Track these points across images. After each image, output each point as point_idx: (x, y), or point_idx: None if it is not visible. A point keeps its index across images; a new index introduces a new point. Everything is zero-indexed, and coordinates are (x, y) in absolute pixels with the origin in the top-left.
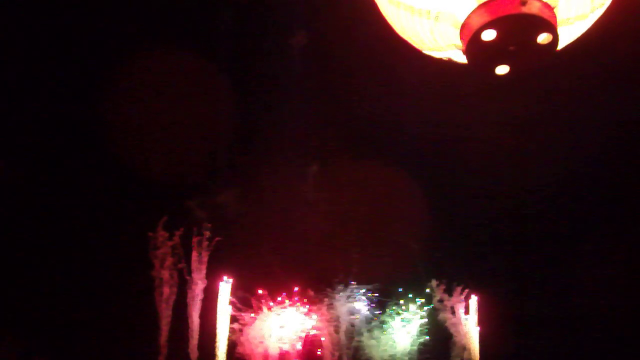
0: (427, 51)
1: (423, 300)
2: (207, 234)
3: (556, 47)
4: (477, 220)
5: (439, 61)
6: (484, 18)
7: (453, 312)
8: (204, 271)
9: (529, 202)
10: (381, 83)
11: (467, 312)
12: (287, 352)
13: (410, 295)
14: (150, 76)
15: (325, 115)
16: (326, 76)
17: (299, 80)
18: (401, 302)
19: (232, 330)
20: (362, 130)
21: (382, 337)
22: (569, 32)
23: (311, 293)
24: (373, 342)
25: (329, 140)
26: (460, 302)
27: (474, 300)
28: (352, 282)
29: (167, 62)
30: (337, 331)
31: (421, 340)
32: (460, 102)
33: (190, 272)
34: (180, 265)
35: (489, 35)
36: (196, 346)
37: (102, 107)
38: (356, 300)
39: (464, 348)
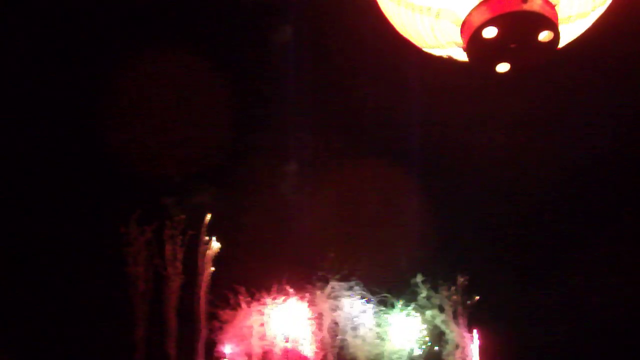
0: (427, 49)
1: (409, 297)
2: (181, 227)
3: (557, 45)
4: (475, 219)
5: (439, 59)
6: (486, 15)
7: (442, 310)
8: (180, 267)
9: (529, 202)
10: (379, 80)
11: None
12: (270, 351)
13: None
14: (133, 71)
15: (318, 112)
16: (323, 74)
17: (295, 78)
18: (387, 299)
19: (211, 328)
20: (356, 127)
21: (368, 335)
22: (570, 31)
23: (291, 290)
24: (358, 340)
25: (318, 137)
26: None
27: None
28: (334, 279)
29: (154, 57)
30: (320, 329)
31: (411, 339)
32: (460, 101)
33: (165, 268)
34: (155, 261)
35: (490, 32)
36: (175, 343)
37: (77, 101)
38: (339, 297)
39: (458, 346)
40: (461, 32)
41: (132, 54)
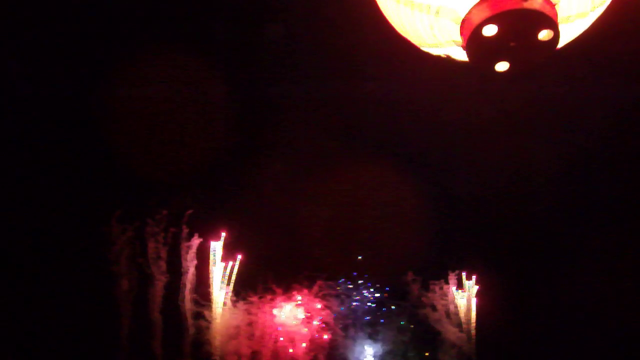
0: (425, 48)
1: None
2: (162, 226)
3: (557, 44)
4: (470, 217)
5: (437, 58)
6: (486, 13)
7: (434, 308)
8: (164, 266)
9: (527, 200)
10: (376, 79)
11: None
12: (259, 350)
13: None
14: (122, 72)
15: (318, 111)
16: (319, 73)
17: (292, 77)
18: (377, 298)
19: (198, 327)
20: (348, 126)
21: (358, 334)
22: (569, 30)
23: (278, 289)
24: (349, 341)
25: (308, 135)
26: (441, 297)
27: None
28: (322, 278)
29: (147, 57)
30: (309, 329)
31: (403, 338)
32: (458, 100)
33: (149, 266)
34: (139, 260)
35: (490, 30)
36: (160, 342)
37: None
38: (327, 297)
39: (453, 345)
40: (461, 30)
41: (123, 53)
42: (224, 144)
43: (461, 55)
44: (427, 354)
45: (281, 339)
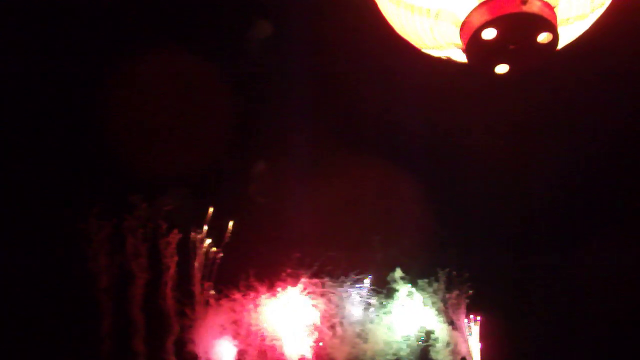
0: (426, 50)
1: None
2: (142, 222)
3: (556, 46)
4: (467, 216)
5: (438, 60)
6: (485, 17)
7: (424, 306)
8: (144, 263)
9: (525, 200)
10: (377, 81)
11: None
12: (244, 350)
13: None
14: (113, 69)
15: (319, 113)
16: (320, 75)
17: (291, 79)
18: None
19: (180, 326)
20: (355, 128)
21: (347, 334)
22: (568, 32)
23: (261, 287)
24: (336, 341)
25: (300, 135)
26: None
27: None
28: (306, 275)
29: (138, 54)
30: (294, 328)
31: (396, 338)
32: (459, 102)
33: (129, 264)
34: (118, 257)
35: (489, 33)
36: (142, 342)
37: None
38: (313, 295)
39: (449, 344)
40: (460, 33)
41: (108, 48)
42: (210, 141)
43: (462, 57)
44: (418, 353)
45: (266, 337)
